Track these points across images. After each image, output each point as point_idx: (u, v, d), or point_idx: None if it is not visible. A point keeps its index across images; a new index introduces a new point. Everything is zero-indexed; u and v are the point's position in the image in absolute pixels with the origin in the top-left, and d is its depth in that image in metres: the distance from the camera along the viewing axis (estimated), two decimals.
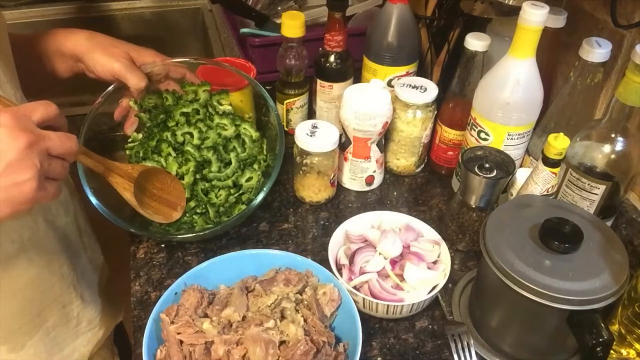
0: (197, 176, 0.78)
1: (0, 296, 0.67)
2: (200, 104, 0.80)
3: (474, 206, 0.77)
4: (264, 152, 0.82)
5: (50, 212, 0.72)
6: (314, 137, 0.81)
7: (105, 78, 0.74)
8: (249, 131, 0.81)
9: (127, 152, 0.80)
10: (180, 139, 0.78)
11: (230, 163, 0.79)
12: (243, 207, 0.78)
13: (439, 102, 0.89)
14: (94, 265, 0.84)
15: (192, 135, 0.78)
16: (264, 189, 0.76)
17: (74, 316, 0.78)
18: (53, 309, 0.75)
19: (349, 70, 0.94)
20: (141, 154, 0.78)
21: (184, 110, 0.80)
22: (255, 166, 0.80)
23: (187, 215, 0.78)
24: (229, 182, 0.79)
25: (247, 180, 0.80)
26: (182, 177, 0.78)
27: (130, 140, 0.81)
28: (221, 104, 0.82)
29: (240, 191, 0.80)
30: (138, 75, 0.74)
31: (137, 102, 0.78)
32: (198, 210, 0.78)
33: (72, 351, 0.79)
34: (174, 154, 0.78)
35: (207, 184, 0.78)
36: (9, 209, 0.50)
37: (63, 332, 0.77)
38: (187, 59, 0.82)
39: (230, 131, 0.80)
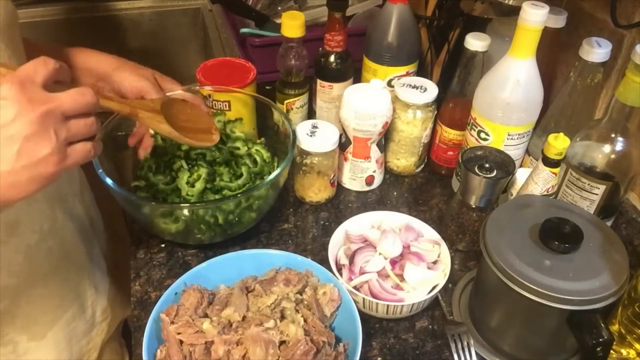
0: (208, 185, 0.77)
1: (20, 286, 0.68)
2: None
3: (474, 206, 0.77)
4: (276, 168, 0.82)
5: (67, 202, 0.74)
6: (314, 137, 0.81)
7: (129, 96, 0.74)
8: (261, 152, 0.82)
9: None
10: (193, 157, 0.79)
11: (241, 176, 0.80)
12: (253, 214, 0.77)
13: (439, 102, 0.89)
14: (104, 255, 0.86)
15: (204, 155, 0.79)
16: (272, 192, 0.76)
17: (88, 306, 0.80)
18: (72, 299, 0.76)
19: (349, 70, 0.94)
20: (153, 167, 0.79)
21: None
22: (267, 178, 0.80)
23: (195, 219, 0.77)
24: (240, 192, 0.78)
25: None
26: (193, 185, 0.76)
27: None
28: (233, 132, 0.83)
29: (250, 201, 0.79)
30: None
31: None
32: (206, 218, 0.77)
33: (88, 341, 0.81)
34: (186, 166, 0.78)
35: (216, 195, 0.77)
36: (36, 186, 0.48)
37: (82, 322, 0.79)
38: (209, 87, 0.84)
39: (242, 151, 0.81)
